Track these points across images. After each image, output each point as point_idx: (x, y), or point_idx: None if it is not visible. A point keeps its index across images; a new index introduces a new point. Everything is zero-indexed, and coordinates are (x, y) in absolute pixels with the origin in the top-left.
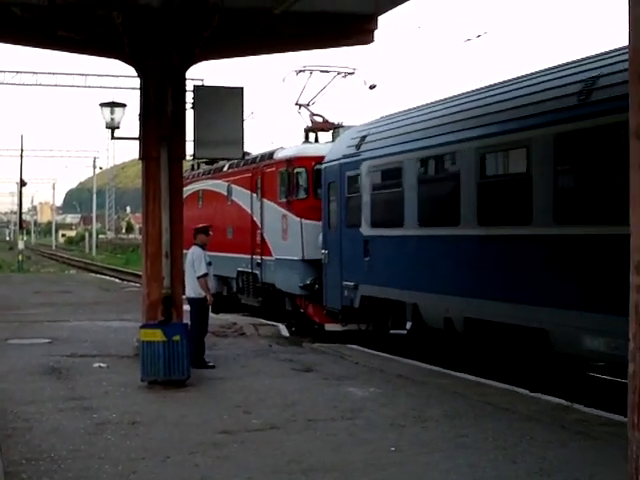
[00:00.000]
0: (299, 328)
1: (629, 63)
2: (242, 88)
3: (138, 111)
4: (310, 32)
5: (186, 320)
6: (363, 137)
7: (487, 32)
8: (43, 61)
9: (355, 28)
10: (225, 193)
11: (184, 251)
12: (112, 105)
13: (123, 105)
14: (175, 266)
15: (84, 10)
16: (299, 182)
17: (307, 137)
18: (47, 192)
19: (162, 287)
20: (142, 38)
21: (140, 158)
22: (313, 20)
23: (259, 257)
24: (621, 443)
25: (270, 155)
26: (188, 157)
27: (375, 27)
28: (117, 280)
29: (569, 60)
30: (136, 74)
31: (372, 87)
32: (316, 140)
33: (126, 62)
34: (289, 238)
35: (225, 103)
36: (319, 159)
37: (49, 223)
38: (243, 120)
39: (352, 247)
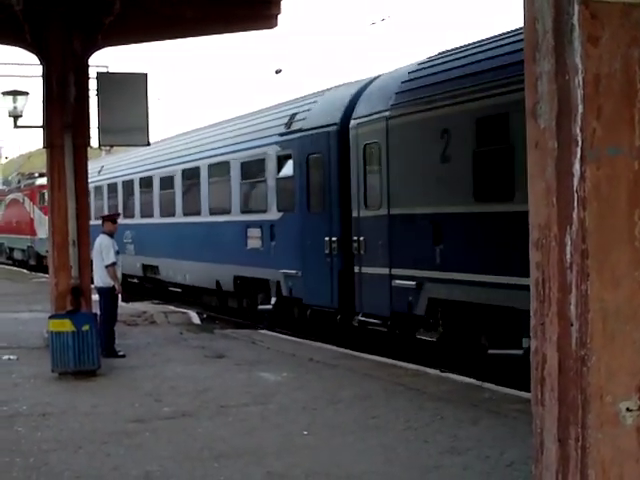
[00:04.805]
0: None
1: (524, 43)
2: (146, 74)
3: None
4: (213, 16)
5: (95, 309)
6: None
7: (390, 16)
8: None
9: (258, 12)
10: (21, 200)
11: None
12: (14, 93)
13: (26, 93)
14: (82, 255)
15: None
16: (44, 198)
17: None
18: None
19: (70, 277)
20: (44, 25)
21: (45, 146)
22: (216, 4)
23: (34, 237)
24: (530, 419)
25: (34, 182)
26: (94, 145)
27: (278, 11)
28: (25, 271)
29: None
30: (39, 62)
31: (278, 72)
32: None
33: (28, 49)
34: (44, 227)
35: (129, 89)
36: None
37: None
38: (148, 106)
39: None
